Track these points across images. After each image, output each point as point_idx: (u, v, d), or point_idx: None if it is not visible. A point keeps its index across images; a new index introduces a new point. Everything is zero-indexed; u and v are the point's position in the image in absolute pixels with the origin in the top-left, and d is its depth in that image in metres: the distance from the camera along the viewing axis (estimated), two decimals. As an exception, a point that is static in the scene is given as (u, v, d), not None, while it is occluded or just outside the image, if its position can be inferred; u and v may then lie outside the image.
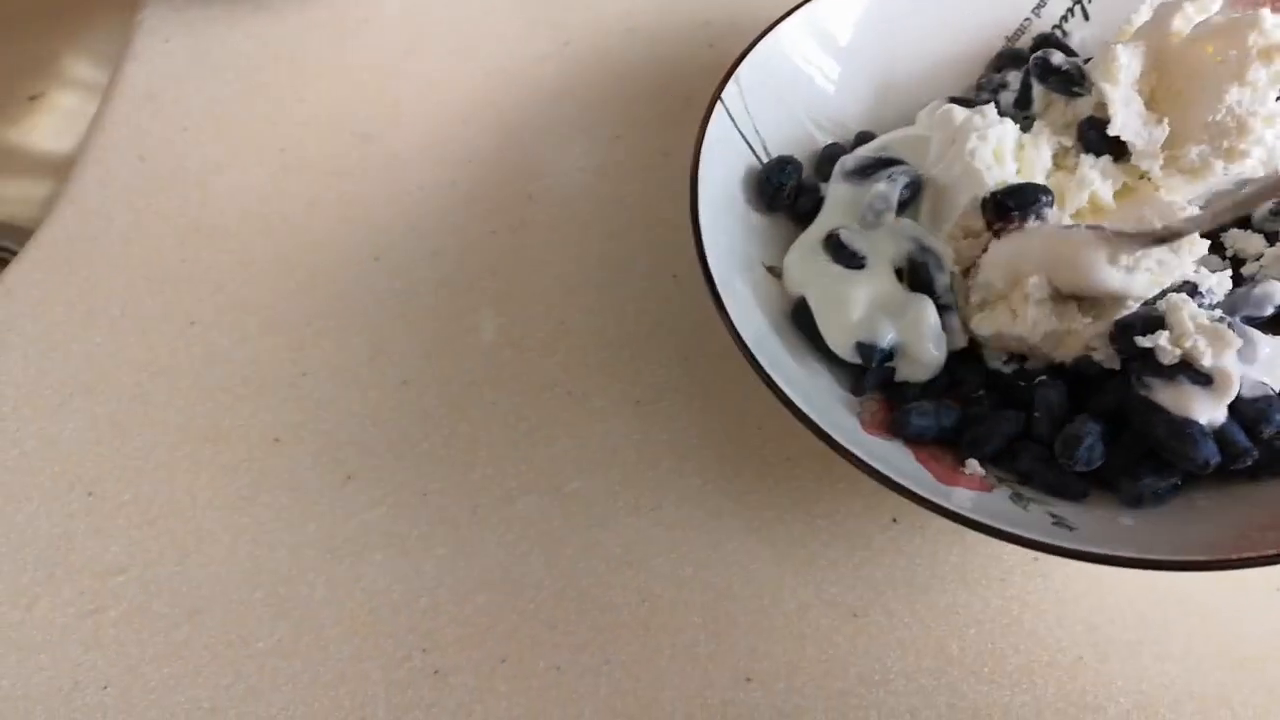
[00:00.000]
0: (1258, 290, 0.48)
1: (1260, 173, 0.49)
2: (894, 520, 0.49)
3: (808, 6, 0.56)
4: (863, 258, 0.49)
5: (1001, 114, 0.52)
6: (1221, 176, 0.49)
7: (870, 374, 0.48)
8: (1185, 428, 0.42)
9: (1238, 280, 0.50)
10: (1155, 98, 0.49)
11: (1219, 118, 0.47)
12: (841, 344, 0.48)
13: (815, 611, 0.47)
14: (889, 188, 0.50)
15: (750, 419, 0.52)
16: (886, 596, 0.47)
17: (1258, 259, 0.52)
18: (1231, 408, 0.43)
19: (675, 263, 0.57)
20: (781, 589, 0.47)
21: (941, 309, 0.48)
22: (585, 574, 0.48)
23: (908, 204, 0.51)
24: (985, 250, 0.49)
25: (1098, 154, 0.50)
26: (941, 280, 0.49)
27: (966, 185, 0.49)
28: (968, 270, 0.50)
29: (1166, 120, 0.48)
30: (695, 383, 0.53)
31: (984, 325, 0.48)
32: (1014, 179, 0.49)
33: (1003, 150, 0.50)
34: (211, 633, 0.46)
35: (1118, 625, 0.46)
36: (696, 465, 0.51)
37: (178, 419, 0.52)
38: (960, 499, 0.44)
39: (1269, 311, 0.48)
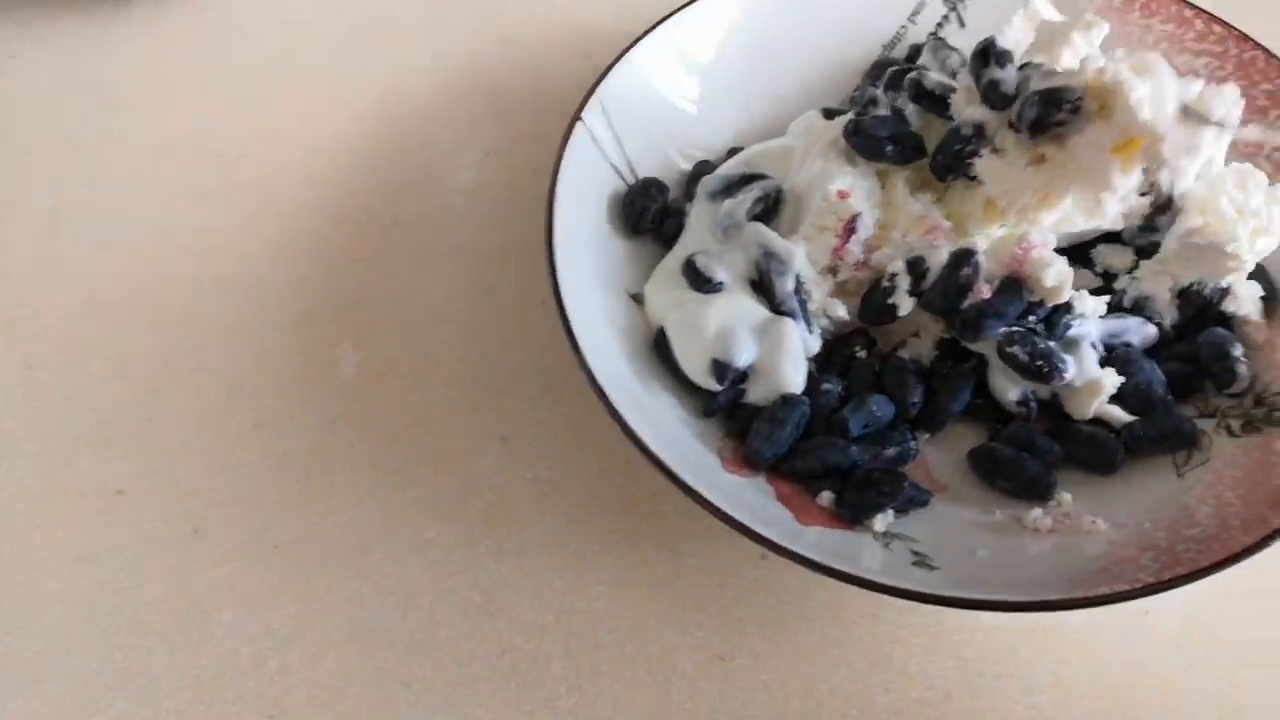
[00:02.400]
0: (1134, 324, 0.49)
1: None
2: (763, 557, 0.48)
3: (667, 24, 0.54)
4: (720, 281, 0.48)
5: None
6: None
7: (721, 393, 0.47)
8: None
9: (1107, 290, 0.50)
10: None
11: None
12: (697, 368, 0.47)
13: (681, 656, 0.45)
14: (736, 204, 0.49)
15: (617, 453, 0.50)
16: (754, 637, 0.46)
17: (1129, 272, 0.51)
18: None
19: (544, 289, 0.55)
20: (646, 634, 0.46)
21: (786, 313, 0.48)
22: (443, 625, 0.46)
23: (766, 217, 0.50)
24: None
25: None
26: (784, 285, 0.47)
27: (819, 184, 0.48)
28: (833, 269, 0.49)
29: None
30: (562, 417, 0.52)
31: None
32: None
33: None
34: (47, 707, 0.43)
35: (987, 659, 0.46)
36: (562, 504, 0.49)
37: (11, 473, 0.49)
38: (818, 540, 0.43)
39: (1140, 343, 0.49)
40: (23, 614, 0.45)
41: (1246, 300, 0.49)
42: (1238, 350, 0.48)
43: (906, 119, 0.50)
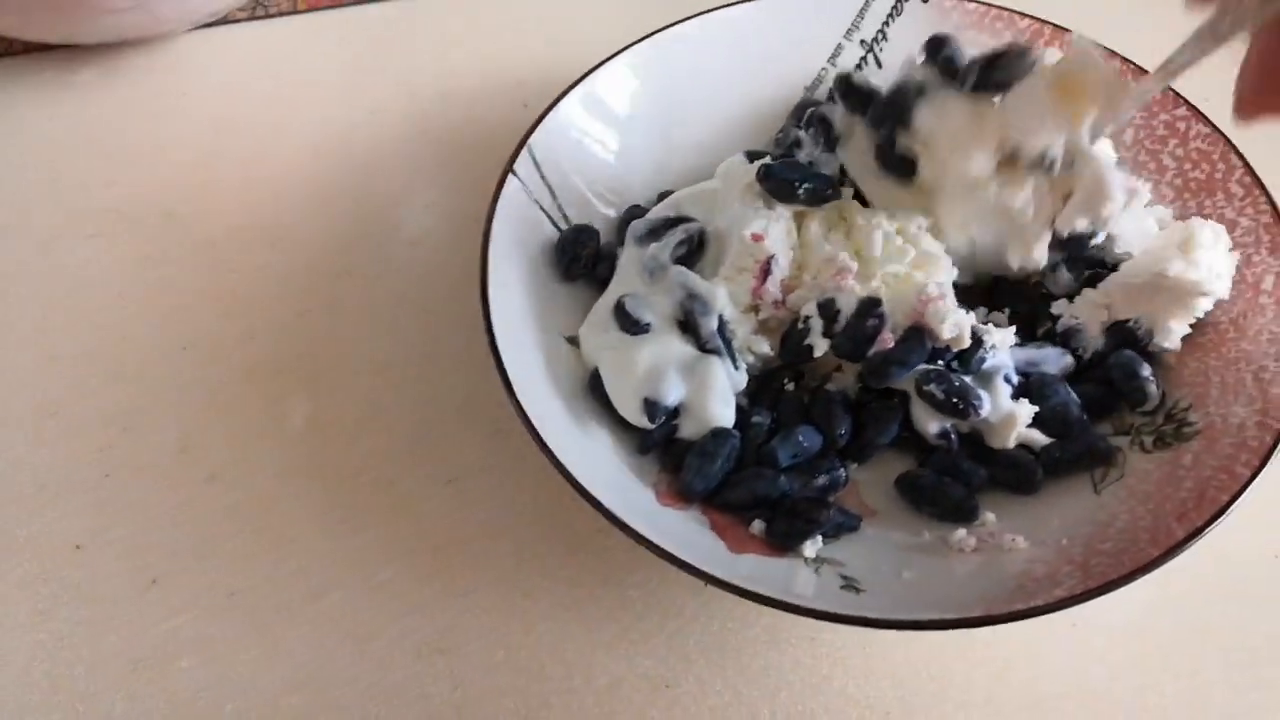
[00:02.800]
0: (1052, 355, 0.52)
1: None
2: (704, 586, 0.49)
3: (584, 82, 0.57)
4: (647, 323, 0.50)
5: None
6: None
7: (654, 431, 0.48)
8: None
9: (1030, 322, 0.53)
10: None
11: None
12: (629, 407, 0.49)
13: (628, 686, 0.47)
14: (660, 248, 0.51)
15: (562, 491, 0.51)
16: (698, 665, 0.48)
17: (1070, 298, 0.53)
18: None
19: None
20: (593, 666, 0.47)
21: (712, 352, 0.50)
22: (397, 666, 0.47)
23: (690, 259, 0.52)
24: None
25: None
26: (709, 325, 0.49)
27: (737, 227, 0.50)
28: (755, 308, 0.51)
29: None
30: (507, 458, 0.53)
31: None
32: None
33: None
34: (5, 761, 0.44)
35: (922, 677, 0.47)
36: (510, 544, 0.51)
37: (-30, 532, 0.50)
38: (752, 569, 0.44)
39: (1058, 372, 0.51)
40: (-18, 671, 0.46)
41: (1178, 336, 0.51)
42: (1146, 371, 0.50)
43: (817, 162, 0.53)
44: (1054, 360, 0.51)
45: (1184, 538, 0.42)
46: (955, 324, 0.48)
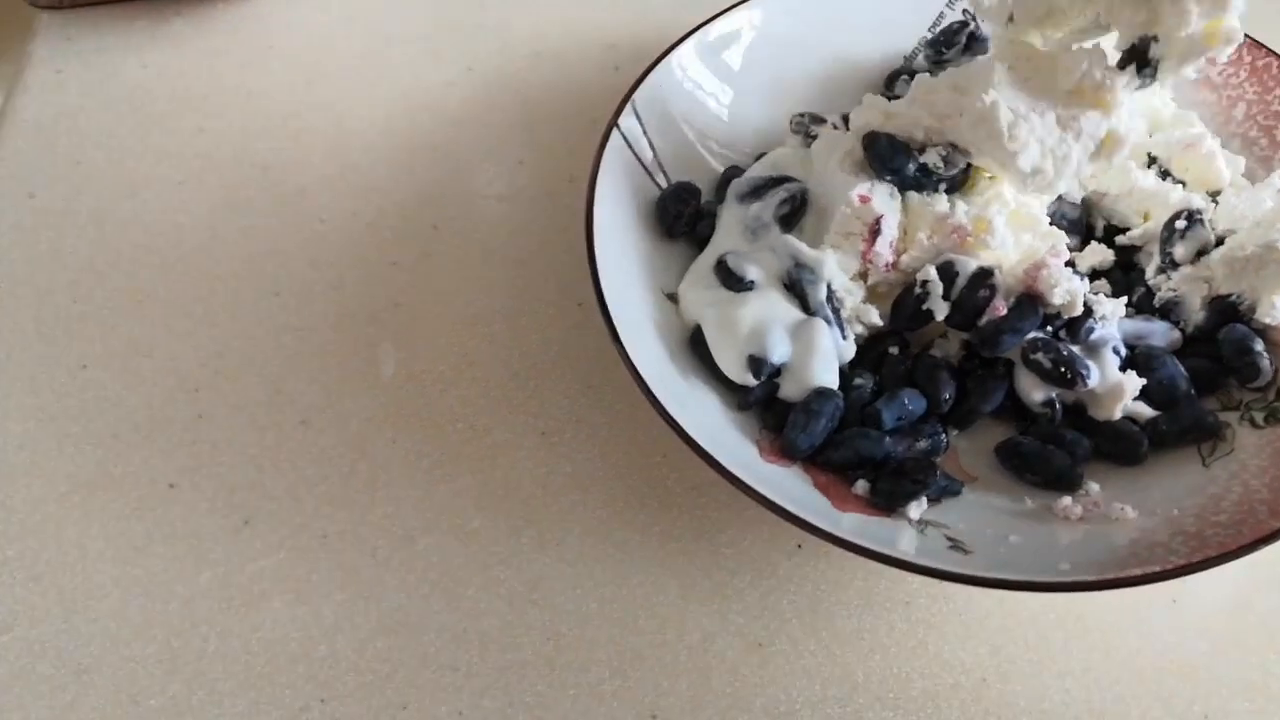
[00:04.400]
0: (1160, 329, 0.51)
1: None
2: (799, 546, 0.49)
3: (698, 34, 0.56)
4: (751, 281, 0.49)
5: None
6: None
7: (757, 388, 0.48)
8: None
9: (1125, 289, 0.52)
10: None
11: None
12: (733, 365, 0.48)
13: (721, 643, 0.46)
14: (763, 207, 0.50)
15: (655, 448, 0.52)
16: (792, 625, 0.47)
17: (1168, 272, 0.52)
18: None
19: (581, 290, 0.57)
20: (686, 621, 0.47)
21: (822, 319, 0.49)
22: (488, 614, 0.47)
23: (793, 218, 0.51)
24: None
25: None
26: (816, 294, 0.49)
27: (841, 191, 0.50)
28: (864, 274, 0.51)
29: None
30: (600, 413, 0.53)
31: None
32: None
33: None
34: (100, 693, 0.44)
35: (1019, 645, 0.47)
36: (601, 497, 0.50)
37: (67, 467, 0.51)
38: (854, 526, 0.44)
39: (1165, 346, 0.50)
40: (79, 602, 0.47)
41: None
42: (1259, 345, 0.49)
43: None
44: (1161, 334, 0.51)
45: None
46: (1067, 290, 0.47)
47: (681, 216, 0.53)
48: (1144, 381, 0.48)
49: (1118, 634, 0.47)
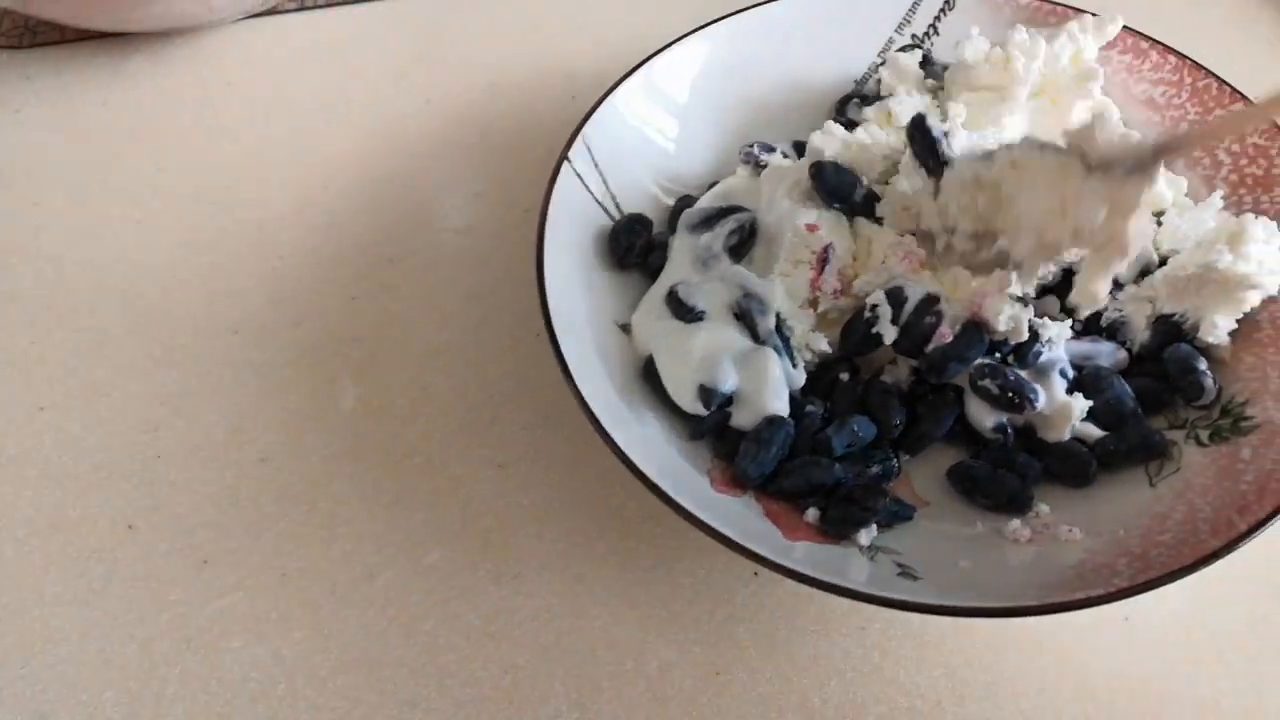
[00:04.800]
0: (1106, 349, 0.51)
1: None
2: (754, 574, 0.49)
3: (644, 68, 0.57)
4: (701, 310, 0.50)
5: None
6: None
7: (708, 417, 0.48)
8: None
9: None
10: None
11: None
12: (685, 395, 0.49)
13: (679, 672, 0.47)
14: (713, 237, 0.51)
15: (612, 478, 0.52)
16: (749, 652, 0.47)
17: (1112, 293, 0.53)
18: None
19: (537, 322, 0.56)
20: (644, 651, 0.47)
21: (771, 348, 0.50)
22: (446, 649, 0.47)
23: (743, 248, 0.52)
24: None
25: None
26: (765, 324, 0.49)
27: (789, 220, 0.51)
28: (814, 302, 0.51)
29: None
30: (558, 444, 0.53)
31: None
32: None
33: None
34: (59, 736, 0.45)
35: (975, 667, 0.47)
36: (559, 529, 0.51)
37: (25, 510, 0.51)
38: (805, 555, 0.44)
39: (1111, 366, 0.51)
40: (37, 645, 0.47)
41: (1223, 332, 0.51)
42: (1203, 364, 0.50)
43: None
44: (1108, 355, 0.51)
45: (1247, 530, 0.42)
46: (1011, 318, 0.47)
47: (633, 248, 0.54)
48: (1090, 403, 0.49)
49: (1071, 654, 0.47)
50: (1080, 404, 0.48)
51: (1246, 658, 0.47)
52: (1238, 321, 0.51)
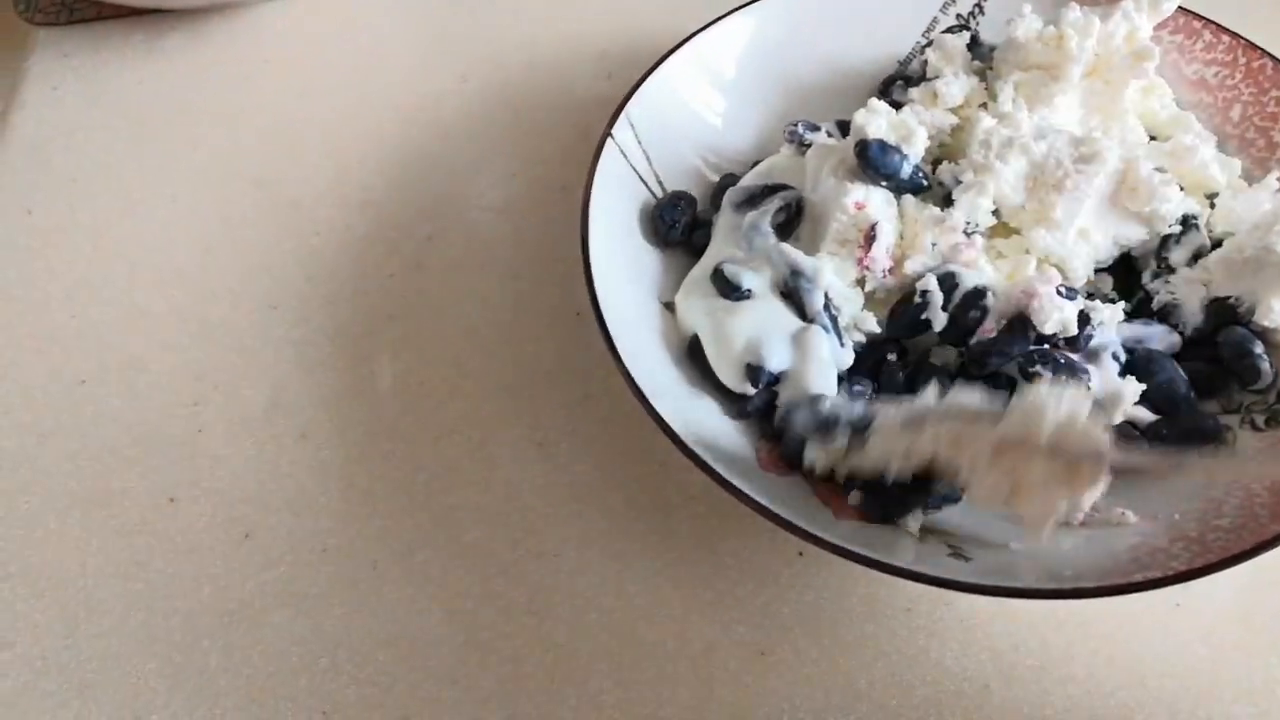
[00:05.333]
0: (1159, 332, 0.51)
1: None
2: (800, 554, 0.49)
3: (691, 43, 0.56)
4: (748, 289, 0.49)
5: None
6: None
7: (755, 395, 0.48)
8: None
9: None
10: None
11: None
12: (731, 374, 0.48)
13: (722, 652, 0.46)
14: (759, 215, 0.51)
15: (652, 457, 0.52)
16: (794, 633, 0.47)
17: (1164, 276, 0.52)
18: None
19: (576, 301, 0.57)
20: (688, 630, 0.47)
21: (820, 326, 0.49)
22: (487, 626, 0.47)
23: (789, 226, 0.51)
24: None
25: None
26: (814, 301, 0.49)
27: (835, 199, 0.50)
28: (861, 281, 0.51)
29: None
30: (597, 423, 0.53)
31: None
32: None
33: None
34: (103, 709, 0.44)
35: (1021, 651, 0.46)
36: (599, 507, 0.50)
37: (67, 483, 0.51)
38: (853, 533, 0.44)
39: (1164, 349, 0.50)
40: (81, 617, 0.47)
41: (1279, 316, 0.50)
42: (1259, 348, 0.49)
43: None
44: (1160, 338, 0.50)
45: None
46: (1059, 321, 0.47)
47: (677, 225, 0.53)
48: (1144, 387, 0.48)
49: (1120, 639, 0.47)
50: (1133, 387, 0.47)
51: (1299, 645, 0.47)
52: None
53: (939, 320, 0.48)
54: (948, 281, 0.48)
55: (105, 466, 0.51)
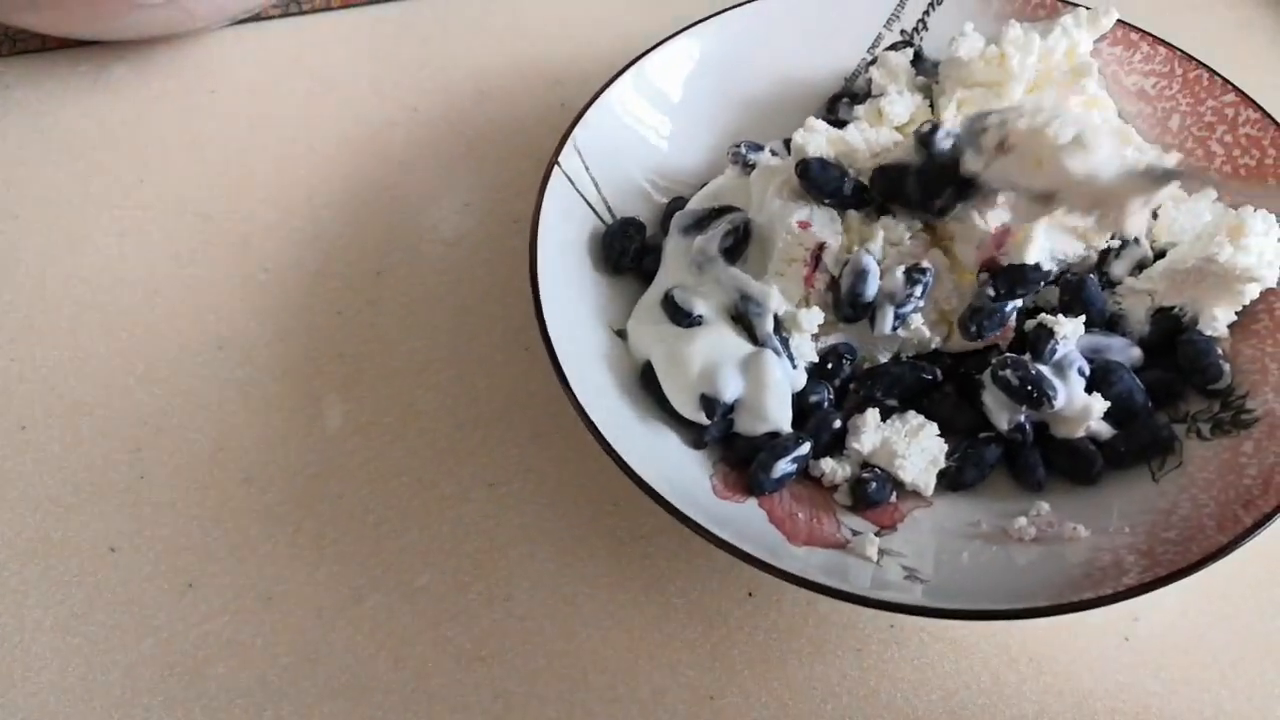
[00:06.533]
0: (1118, 344, 0.51)
1: None
2: (749, 594, 0.48)
3: (636, 66, 0.57)
4: (699, 315, 0.49)
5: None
6: None
7: (711, 426, 0.48)
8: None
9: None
10: None
11: None
12: (685, 403, 0.48)
13: (671, 696, 0.46)
14: (706, 239, 0.51)
15: (604, 496, 0.51)
16: (743, 675, 0.47)
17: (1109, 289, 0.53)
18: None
19: (527, 335, 0.56)
20: (637, 675, 0.46)
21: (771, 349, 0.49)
22: (436, 673, 0.46)
23: (737, 249, 0.51)
24: None
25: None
26: (763, 327, 0.49)
27: (780, 219, 0.50)
28: (808, 300, 0.51)
29: None
30: (548, 461, 0.53)
31: None
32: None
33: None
34: (39, 767, 0.44)
35: (973, 690, 0.46)
36: (550, 549, 0.50)
37: (5, 532, 0.50)
38: (810, 561, 0.44)
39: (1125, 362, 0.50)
40: (18, 671, 0.46)
41: (1222, 324, 0.51)
42: (1219, 350, 0.50)
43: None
44: (1119, 350, 0.50)
45: (1252, 524, 0.42)
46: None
47: (627, 253, 0.53)
48: (1108, 405, 0.48)
49: (1071, 674, 0.47)
50: (1099, 405, 0.47)
51: (1250, 680, 0.47)
52: (1236, 314, 0.51)
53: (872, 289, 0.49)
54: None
55: (44, 515, 0.50)
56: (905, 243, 0.49)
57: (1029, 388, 0.47)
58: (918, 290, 0.48)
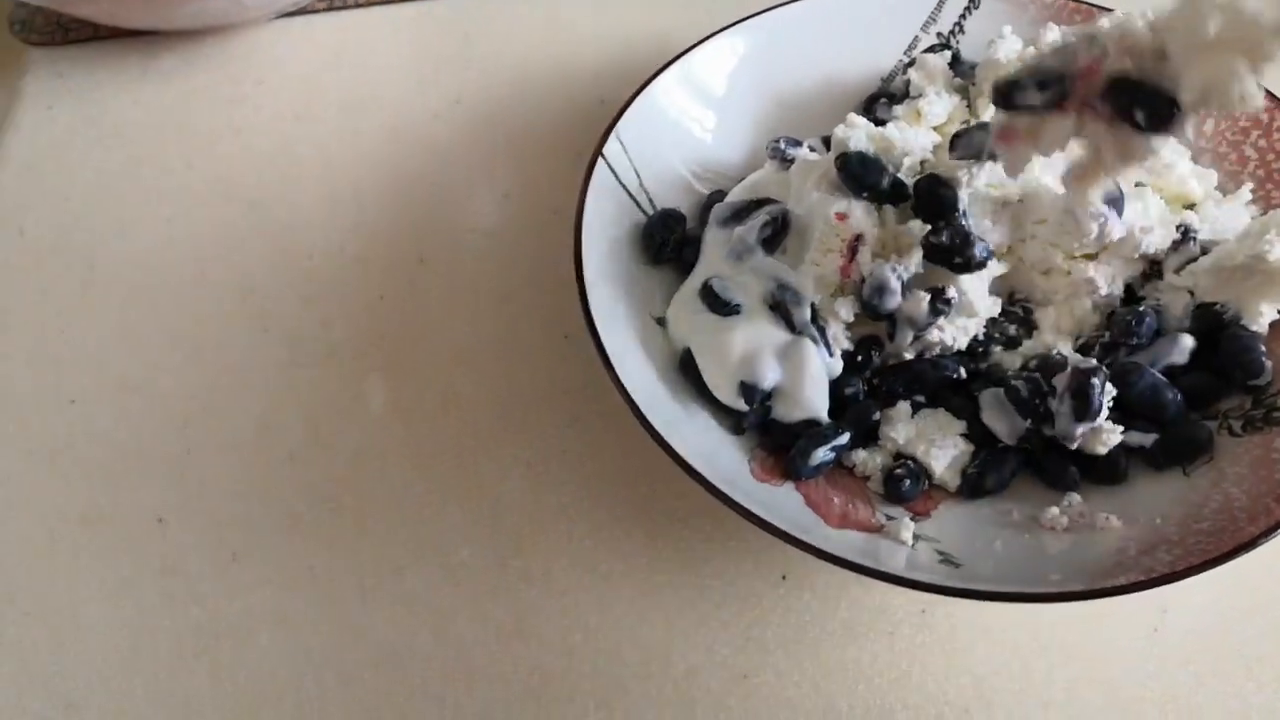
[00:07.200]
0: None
1: None
2: (784, 577, 0.49)
3: (681, 61, 0.58)
4: (737, 304, 0.50)
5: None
6: None
7: (750, 412, 0.49)
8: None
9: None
10: None
11: None
12: (725, 390, 0.49)
13: (705, 675, 0.47)
14: (745, 230, 0.51)
15: (642, 479, 0.52)
16: (776, 656, 0.47)
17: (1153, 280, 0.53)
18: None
19: (566, 322, 0.57)
20: (671, 653, 0.47)
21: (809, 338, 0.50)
22: (474, 646, 0.47)
23: (776, 240, 0.52)
24: None
25: None
26: (801, 315, 0.50)
27: (819, 211, 0.51)
28: (843, 289, 0.51)
29: None
30: (586, 444, 0.53)
31: None
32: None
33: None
34: (89, 727, 0.45)
35: (1003, 675, 0.47)
36: (587, 528, 0.51)
37: (55, 502, 0.51)
38: (846, 543, 0.44)
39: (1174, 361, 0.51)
40: (68, 638, 0.47)
41: (1266, 320, 0.51)
42: (1261, 345, 0.50)
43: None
44: (1172, 350, 0.51)
45: None
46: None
47: (667, 243, 0.54)
48: (1122, 435, 0.48)
49: (1101, 663, 0.47)
50: (1116, 437, 0.48)
51: (1275, 672, 0.47)
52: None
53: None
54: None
55: (93, 486, 0.52)
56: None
57: (1036, 402, 0.47)
58: (939, 320, 0.49)
